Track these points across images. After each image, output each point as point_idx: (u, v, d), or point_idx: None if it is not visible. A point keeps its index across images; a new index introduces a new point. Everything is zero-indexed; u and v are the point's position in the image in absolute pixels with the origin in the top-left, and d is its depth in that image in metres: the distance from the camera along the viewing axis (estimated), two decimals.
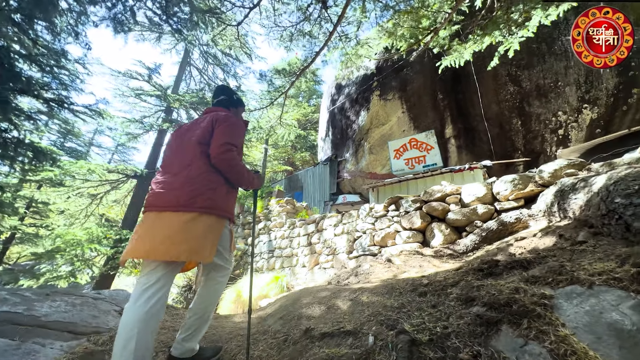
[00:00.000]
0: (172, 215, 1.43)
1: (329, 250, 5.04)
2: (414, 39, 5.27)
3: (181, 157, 1.58)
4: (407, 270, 3.00)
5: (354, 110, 12.10)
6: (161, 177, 1.59)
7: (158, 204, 1.48)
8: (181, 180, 1.50)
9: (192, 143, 1.58)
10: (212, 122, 1.62)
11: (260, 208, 7.91)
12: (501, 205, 3.26)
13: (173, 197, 1.46)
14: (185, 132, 1.67)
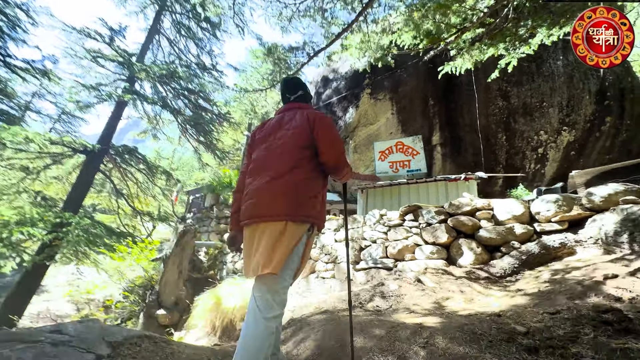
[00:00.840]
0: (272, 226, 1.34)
1: (328, 257, 4.52)
2: (438, 36, 4.90)
3: (278, 160, 1.46)
4: (450, 297, 2.58)
5: (342, 106, 11.63)
6: (256, 183, 1.44)
7: (260, 214, 1.37)
8: (283, 185, 1.38)
9: (290, 145, 1.48)
10: (309, 121, 1.52)
11: None
12: (542, 226, 3.01)
13: (277, 204, 1.35)
14: (272, 132, 1.57)
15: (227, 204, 7.10)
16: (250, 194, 1.43)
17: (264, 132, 1.62)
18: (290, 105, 1.70)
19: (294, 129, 1.51)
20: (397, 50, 4.92)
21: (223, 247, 6.54)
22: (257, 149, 1.58)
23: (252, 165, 1.53)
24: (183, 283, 5.82)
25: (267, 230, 1.34)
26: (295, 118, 1.55)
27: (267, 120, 1.70)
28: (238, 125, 16.65)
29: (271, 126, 1.61)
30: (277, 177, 1.41)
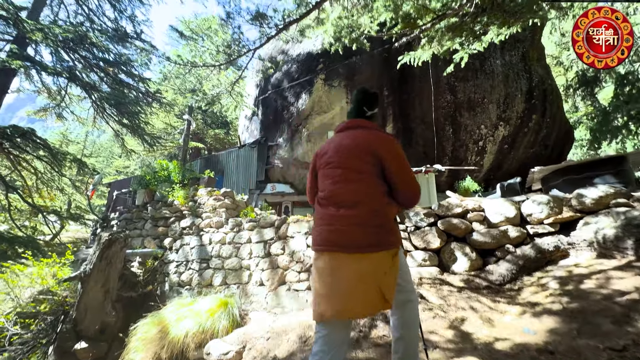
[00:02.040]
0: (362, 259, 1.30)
1: (300, 265, 3.96)
2: (414, 21, 4.57)
3: (349, 186, 1.42)
4: (464, 318, 2.29)
5: (294, 91, 10.86)
6: (335, 209, 1.41)
7: (341, 243, 1.32)
8: (360, 214, 1.34)
9: (368, 172, 1.42)
10: (372, 150, 1.44)
11: (182, 199, 5.99)
12: (534, 229, 2.93)
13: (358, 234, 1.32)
14: (345, 150, 1.49)
15: (166, 201, 5.92)
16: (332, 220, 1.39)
17: (329, 155, 1.54)
18: (356, 123, 1.60)
19: (356, 155, 1.45)
20: (373, 32, 4.43)
21: (165, 255, 5.44)
22: (322, 173, 1.55)
23: (323, 193, 1.49)
24: (111, 305, 4.65)
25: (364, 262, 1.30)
26: (360, 141, 1.48)
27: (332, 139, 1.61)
28: (171, 106, 14.54)
29: (341, 145, 1.52)
30: (358, 205, 1.37)
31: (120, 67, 12.27)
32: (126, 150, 14.88)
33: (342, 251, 1.31)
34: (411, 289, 1.49)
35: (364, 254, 1.29)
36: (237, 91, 4.81)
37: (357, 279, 1.26)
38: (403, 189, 1.43)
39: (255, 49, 4.01)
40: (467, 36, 5.65)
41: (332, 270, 1.30)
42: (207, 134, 18.77)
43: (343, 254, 1.30)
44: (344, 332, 1.29)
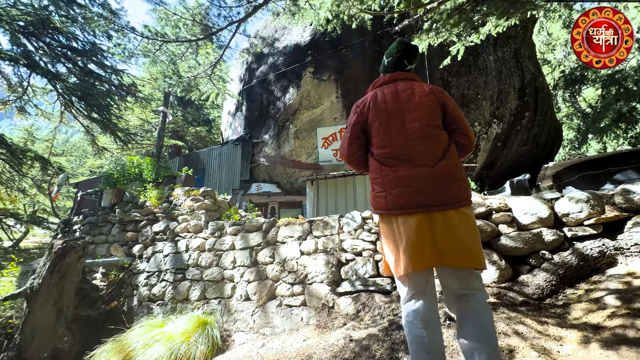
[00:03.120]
0: (457, 213, 1.30)
1: (293, 276, 3.38)
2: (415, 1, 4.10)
3: (426, 143, 1.38)
4: (513, 348, 1.79)
5: (280, 85, 10.24)
6: (409, 168, 1.35)
7: (430, 202, 1.29)
8: (443, 171, 1.33)
9: (428, 125, 1.40)
10: (437, 99, 1.46)
11: (155, 199, 5.26)
12: (573, 231, 2.49)
13: (446, 191, 1.31)
14: (398, 109, 1.44)
15: (136, 202, 5.19)
16: (410, 181, 1.33)
17: (386, 108, 1.46)
18: (403, 75, 1.56)
19: (426, 108, 1.42)
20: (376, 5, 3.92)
21: (133, 265, 4.72)
22: (384, 129, 1.44)
23: (390, 151, 1.40)
24: (65, 327, 3.90)
25: (456, 217, 1.29)
26: (418, 92, 1.46)
27: (376, 93, 1.52)
28: (147, 101, 13.56)
29: (393, 101, 1.47)
30: (437, 159, 1.35)
31: (90, 57, 11.26)
32: (97, 148, 13.78)
33: (449, 208, 1.29)
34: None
35: (466, 207, 1.33)
36: (219, 76, 4.19)
37: (472, 228, 1.30)
38: (469, 133, 1.46)
39: (239, 21, 3.40)
40: (465, 26, 5.31)
41: (438, 227, 1.27)
42: (187, 131, 17.78)
43: (450, 210, 1.29)
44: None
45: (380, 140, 1.44)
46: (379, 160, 1.43)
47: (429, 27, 4.97)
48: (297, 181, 10.13)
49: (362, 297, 2.82)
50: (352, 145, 1.53)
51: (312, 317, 3.01)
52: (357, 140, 1.53)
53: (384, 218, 1.43)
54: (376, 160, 1.45)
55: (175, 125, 17.51)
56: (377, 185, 1.44)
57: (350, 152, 1.54)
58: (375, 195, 1.45)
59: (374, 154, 1.47)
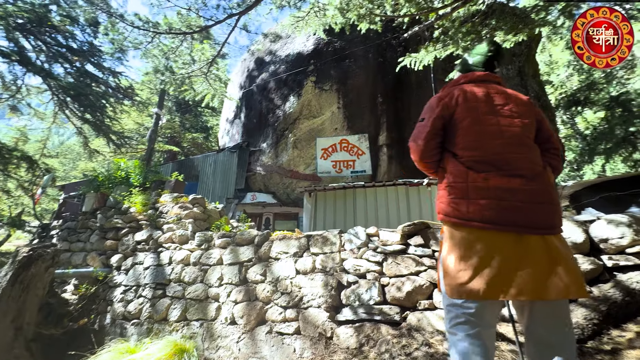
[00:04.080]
0: (555, 240, 1.12)
1: (287, 298, 2.98)
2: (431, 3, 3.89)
3: (526, 152, 1.22)
4: None
5: (281, 93, 10.03)
6: (504, 177, 1.16)
7: (530, 223, 1.10)
8: (543, 188, 1.16)
9: (526, 135, 1.26)
10: (534, 111, 1.34)
11: (140, 205, 4.86)
12: (614, 260, 2.15)
13: (547, 213, 1.13)
14: (492, 109, 1.28)
15: (120, 208, 4.79)
16: (505, 194, 1.14)
17: (478, 107, 1.28)
18: (493, 77, 1.41)
19: (523, 116, 1.28)
20: (388, 7, 3.69)
21: (110, 277, 4.27)
22: (475, 129, 1.26)
23: (481, 154, 1.23)
24: (24, 346, 3.43)
25: (557, 242, 1.12)
26: (517, 99, 1.33)
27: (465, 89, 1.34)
28: (145, 105, 13.29)
29: (487, 101, 1.30)
30: (536, 173, 1.18)
31: (88, 58, 11.05)
32: (89, 150, 13.38)
33: (549, 232, 1.12)
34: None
35: (561, 233, 1.17)
36: (216, 75, 3.91)
37: (570, 255, 1.14)
38: (562, 150, 1.12)
39: (239, 13, 3.13)
40: (473, 40, 5.15)
41: (537, 252, 1.08)
42: (184, 137, 17.46)
43: (550, 236, 1.11)
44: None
45: (470, 142, 1.26)
46: (465, 163, 1.25)
47: (438, 36, 4.78)
48: (294, 192, 9.77)
49: (365, 328, 2.42)
50: (431, 140, 1.33)
51: (307, 348, 2.59)
52: (436, 136, 1.34)
53: (457, 228, 1.21)
54: (460, 163, 1.26)
55: (172, 130, 17.20)
56: (456, 190, 1.23)
57: (426, 148, 1.33)
58: (451, 200, 1.24)
59: (458, 155, 1.28)
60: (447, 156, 1.34)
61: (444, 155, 1.36)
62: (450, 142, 1.33)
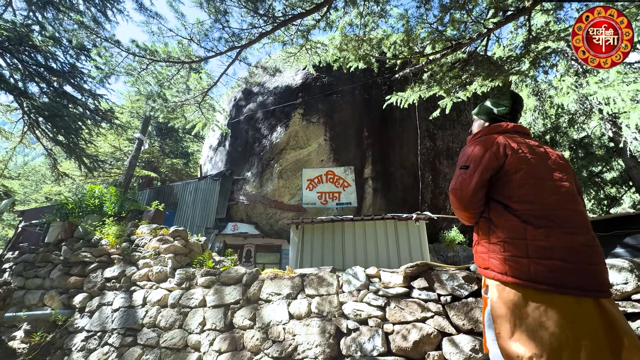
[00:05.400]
0: (609, 304, 1.07)
1: (278, 348, 2.69)
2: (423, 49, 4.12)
3: (580, 208, 1.20)
4: None
5: (269, 123, 10.09)
6: (564, 235, 1.11)
7: (592, 285, 1.05)
8: (596, 248, 1.11)
9: (575, 189, 1.25)
10: (568, 162, 1.33)
11: (113, 237, 4.45)
12: (621, 307, 2.12)
13: (604, 274, 1.10)
14: (541, 159, 1.27)
15: (90, 240, 4.38)
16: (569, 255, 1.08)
17: (528, 159, 1.25)
18: (523, 128, 1.42)
19: (565, 170, 1.27)
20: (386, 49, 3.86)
21: (71, 321, 3.75)
22: (531, 182, 1.22)
23: (539, 208, 1.17)
24: None
25: (612, 306, 1.07)
26: (554, 153, 1.33)
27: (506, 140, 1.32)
28: (124, 128, 12.86)
29: (533, 153, 1.27)
30: (592, 232, 1.15)
31: (68, 79, 10.71)
32: (57, 173, 12.55)
33: (605, 296, 1.06)
34: None
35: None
36: (210, 104, 3.82)
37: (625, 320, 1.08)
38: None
39: (241, 47, 3.13)
40: (454, 84, 5.51)
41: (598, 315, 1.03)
42: (162, 163, 16.88)
43: (604, 299, 1.06)
44: None
45: (525, 195, 1.21)
46: (521, 217, 1.18)
47: (427, 79, 5.04)
48: (278, 223, 9.49)
49: None
50: (478, 192, 1.28)
51: None
52: (484, 187, 1.29)
53: (515, 289, 1.13)
54: (516, 217, 1.20)
55: (150, 155, 16.62)
56: (513, 247, 1.16)
57: (473, 199, 1.29)
58: (508, 257, 1.16)
59: (513, 208, 1.22)
60: (496, 207, 1.28)
61: (490, 205, 1.31)
62: (499, 193, 1.28)
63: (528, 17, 4.87)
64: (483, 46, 5.08)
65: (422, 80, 5.21)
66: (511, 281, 1.14)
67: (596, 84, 9.17)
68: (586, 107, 10.73)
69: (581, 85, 10.15)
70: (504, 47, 9.20)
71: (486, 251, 1.26)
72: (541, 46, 5.28)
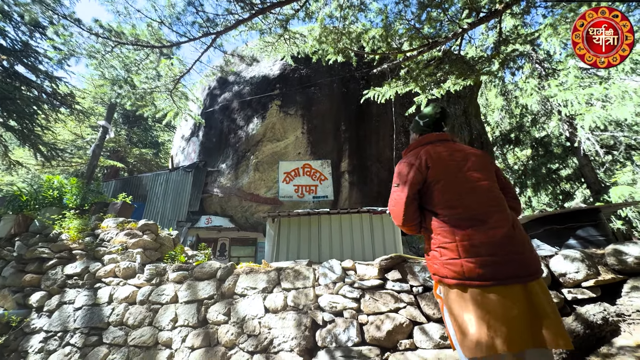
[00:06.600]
0: (538, 286, 1.19)
1: (254, 342, 2.68)
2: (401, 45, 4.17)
3: (498, 204, 1.32)
4: None
5: (245, 114, 9.83)
6: (487, 232, 1.23)
7: (517, 273, 1.17)
8: (517, 238, 1.24)
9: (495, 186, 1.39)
10: (490, 161, 1.48)
11: (75, 231, 4.16)
12: (573, 294, 2.32)
13: (529, 260, 1.21)
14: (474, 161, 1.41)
15: (48, 234, 4.09)
16: (493, 249, 1.20)
17: (447, 167, 1.39)
18: (446, 136, 1.58)
19: (487, 170, 1.42)
20: (365, 43, 3.85)
21: (27, 322, 3.49)
22: (451, 188, 1.35)
23: (462, 211, 1.30)
24: None
25: (539, 289, 1.20)
26: (474, 154, 1.45)
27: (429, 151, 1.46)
28: (86, 115, 12.00)
29: (452, 160, 1.41)
30: (511, 223, 1.27)
31: (20, 58, 9.75)
32: (9, 162, 11.50)
33: (533, 279, 1.19)
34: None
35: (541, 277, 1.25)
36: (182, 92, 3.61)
37: (551, 302, 1.20)
38: (518, 197, 1.48)
39: (217, 33, 2.98)
40: (429, 82, 5.65)
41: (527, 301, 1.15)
42: (130, 152, 15.97)
43: (533, 282, 1.19)
44: None
45: (448, 200, 1.34)
46: (450, 222, 1.31)
47: (404, 75, 5.13)
48: (253, 216, 9.35)
49: None
50: (409, 205, 1.41)
51: None
52: (414, 201, 1.43)
53: (457, 288, 1.26)
54: (445, 223, 1.32)
55: (116, 144, 15.65)
56: (448, 250, 1.28)
57: (407, 213, 1.42)
58: (445, 262, 1.29)
59: (440, 214, 1.35)
60: (428, 216, 1.40)
61: (425, 215, 1.43)
62: (428, 202, 1.41)
63: (499, 20, 5.07)
64: (457, 46, 5.24)
65: (399, 77, 5.31)
66: (452, 282, 1.26)
67: (556, 86, 9.79)
68: (547, 108, 11.47)
69: (543, 87, 10.82)
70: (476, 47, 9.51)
71: (430, 258, 1.38)
72: (510, 48, 5.53)
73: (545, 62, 11.39)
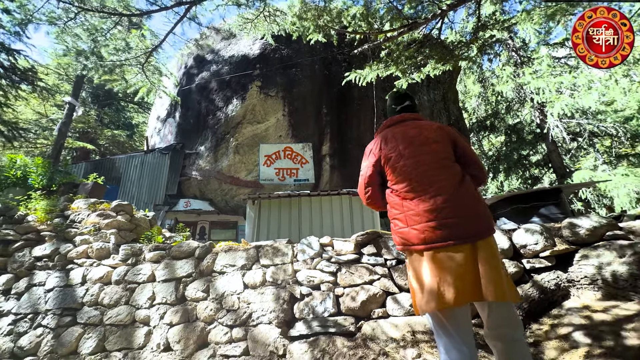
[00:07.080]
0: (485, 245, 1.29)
1: (233, 316, 2.73)
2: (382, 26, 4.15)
3: (443, 172, 1.40)
4: None
5: (224, 95, 9.53)
6: (429, 199, 1.35)
7: (458, 235, 1.27)
8: (456, 202, 1.32)
9: (440, 158, 1.44)
10: (447, 134, 1.52)
11: (42, 212, 3.98)
12: (531, 263, 2.52)
13: (470, 222, 1.30)
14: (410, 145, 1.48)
15: (12, 216, 3.90)
16: (432, 215, 1.32)
17: (396, 146, 1.50)
18: (409, 116, 1.64)
19: (439, 144, 1.47)
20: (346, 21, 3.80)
21: None
22: (399, 165, 1.47)
23: (407, 184, 1.42)
24: None
25: (486, 248, 1.28)
26: (429, 128, 1.52)
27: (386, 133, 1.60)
28: (50, 92, 11.20)
29: (403, 139, 1.51)
30: (455, 189, 1.36)
31: None
32: None
33: (478, 239, 1.28)
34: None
35: (490, 237, 1.33)
36: (155, 66, 3.42)
37: (499, 261, 1.28)
38: (481, 165, 1.53)
39: (190, 3, 2.81)
40: (409, 65, 5.69)
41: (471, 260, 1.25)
42: (101, 134, 15.17)
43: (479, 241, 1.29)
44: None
45: (398, 176, 1.46)
46: (400, 195, 1.45)
47: (384, 56, 5.13)
48: (234, 199, 9.27)
49: (320, 342, 2.35)
50: (369, 186, 1.58)
51: None
52: (374, 182, 1.57)
53: (410, 254, 1.41)
54: (397, 196, 1.46)
55: (85, 125, 14.78)
56: (398, 221, 1.43)
57: (369, 194, 1.58)
58: (397, 231, 1.43)
59: (393, 190, 1.49)
60: (387, 192, 1.54)
61: (386, 192, 1.56)
62: (386, 180, 1.57)
63: (479, 4, 5.12)
64: (437, 29, 5.27)
65: (380, 59, 5.30)
66: (405, 249, 1.41)
67: (530, 74, 10.13)
68: (521, 96, 11.89)
69: (518, 75, 11.16)
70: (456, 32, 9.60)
71: (391, 229, 1.52)
72: (488, 34, 5.63)
73: (521, 50, 11.70)
